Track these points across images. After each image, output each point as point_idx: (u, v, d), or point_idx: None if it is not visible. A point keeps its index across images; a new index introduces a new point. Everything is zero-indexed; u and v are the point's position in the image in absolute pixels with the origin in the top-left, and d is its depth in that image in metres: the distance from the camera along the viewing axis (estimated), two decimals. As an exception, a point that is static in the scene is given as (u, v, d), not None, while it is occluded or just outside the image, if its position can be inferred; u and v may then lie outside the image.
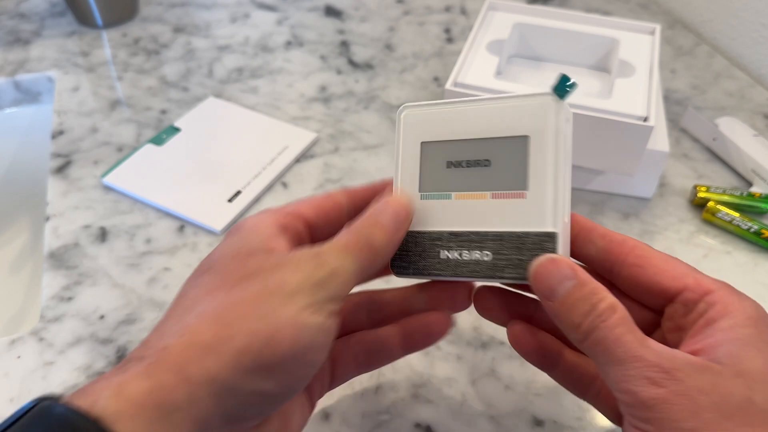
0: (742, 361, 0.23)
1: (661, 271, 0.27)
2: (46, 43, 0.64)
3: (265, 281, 0.24)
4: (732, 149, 0.51)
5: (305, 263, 0.25)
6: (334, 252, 0.25)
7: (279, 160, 0.50)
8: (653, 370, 0.23)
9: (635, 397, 0.23)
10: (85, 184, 0.49)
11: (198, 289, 0.24)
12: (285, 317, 0.23)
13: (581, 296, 0.25)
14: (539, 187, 0.26)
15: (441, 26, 0.69)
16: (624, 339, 0.24)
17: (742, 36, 0.64)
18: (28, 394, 0.35)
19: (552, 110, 0.26)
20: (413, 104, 0.30)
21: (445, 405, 0.35)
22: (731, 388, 0.23)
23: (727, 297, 0.25)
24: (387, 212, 0.27)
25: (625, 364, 0.23)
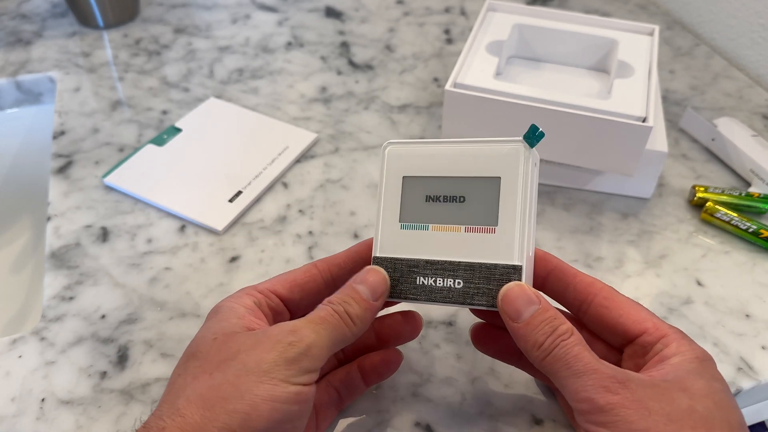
0: (686, 381, 0.27)
1: (625, 314, 0.30)
2: (47, 44, 0.64)
3: (244, 362, 0.26)
4: (730, 149, 0.51)
5: (280, 340, 0.27)
6: (311, 326, 0.28)
7: (279, 160, 0.51)
8: (609, 380, 0.26)
9: (593, 403, 0.26)
10: (87, 184, 0.49)
11: (186, 375, 0.27)
12: (261, 394, 0.25)
13: (544, 319, 0.28)
14: (508, 224, 0.29)
15: (441, 27, 0.69)
16: (582, 355, 0.27)
17: (741, 36, 0.64)
18: (29, 394, 0.35)
19: (522, 155, 0.29)
20: (397, 141, 0.32)
21: (444, 404, 0.35)
22: (677, 398, 0.26)
23: (679, 340, 0.29)
24: (365, 284, 0.30)
25: (583, 376, 0.26)
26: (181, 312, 0.40)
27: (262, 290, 0.31)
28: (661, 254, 0.45)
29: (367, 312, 0.30)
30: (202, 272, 0.42)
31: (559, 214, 0.47)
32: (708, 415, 0.26)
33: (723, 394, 0.27)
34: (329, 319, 0.28)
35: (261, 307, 0.31)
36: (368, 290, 0.30)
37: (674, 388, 0.26)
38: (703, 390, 0.26)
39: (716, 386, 0.27)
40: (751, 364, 0.38)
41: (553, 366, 0.27)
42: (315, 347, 0.27)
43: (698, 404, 0.26)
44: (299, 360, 0.27)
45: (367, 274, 0.31)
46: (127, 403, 0.35)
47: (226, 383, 0.26)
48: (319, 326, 0.28)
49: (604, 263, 0.44)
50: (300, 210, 0.47)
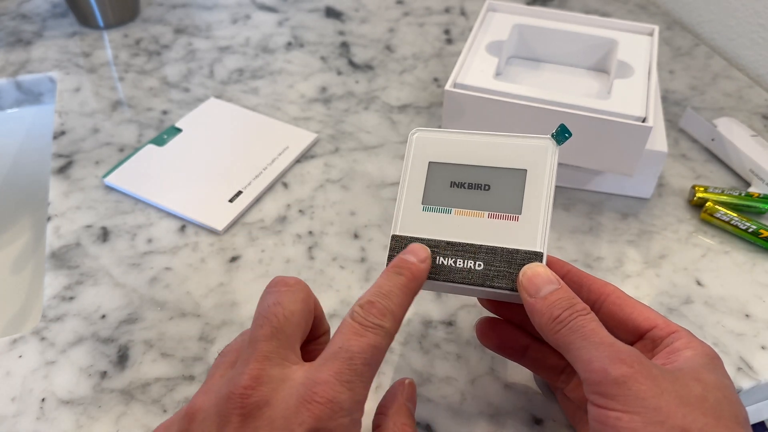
0: (699, 372, 0.27)
1: (636, 312, 0.31)
2: (47, 44, 0.64)
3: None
4: (730, 149, 0.51)
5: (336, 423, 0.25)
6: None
7: (279, 160, 0.51)
8: (626, 353, 0.26)
9: (606, 374, 0.25)
10: (87, 184, 0.49)
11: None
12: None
13: (562, 296, 0.28)
14: (531, 213, 0.31)
15: (441, 27, 0.69)
16: (600, 330, 0.27)
17: (741, 37, 0.64)
18: (29, 394, 0.35)
19: (550, 152, 0.32)
20: (425, 128, 0.34)
21: (444, 404, 0.35)
22: (690, 385, 0.26)
23: (689, 337, 0.29)
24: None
25: (599, 347, 0.26)
26: (182, 312, 0.40)
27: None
28: (661, 254, 0.45)
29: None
30: (203, 272, 0.42)
31: (559, 214, 0.47)
32: (718, 406, 0.26)
33: (732, 391, 0.27)
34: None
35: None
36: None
37: (688, 376, 0.26)
38: (715, 383, 0.26)
39: (726, 382, 0.27)
40: (750, 364, 0.38)
41: (568, 337, 0.27)
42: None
43: (710, 394, 0.26)
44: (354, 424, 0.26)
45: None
46: (127, 403, 0.35)
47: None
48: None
49: (603, 263, 0.44)
50: (300, 210, 0.47)
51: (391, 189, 0.49)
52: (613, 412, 0.25)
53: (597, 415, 0.26)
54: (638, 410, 0.25)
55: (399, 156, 0.52)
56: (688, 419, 0.25)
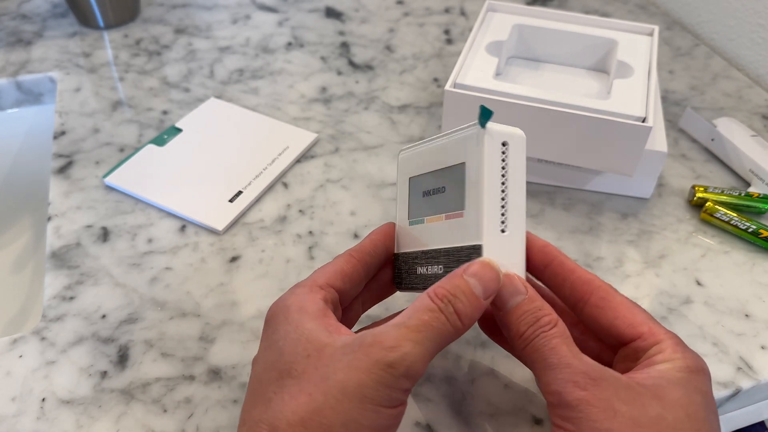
0: (664, 390, 0.26)
1: (620, 316, 0.29)
2: (47, 44, 0.64)
3: (344, 384, 0.25)
4: (730, 149, 0.51)
5: (379, 360, 0.25)
6: (412, 337, 0.26)
7: (280, 160, 0.51)
8: (580, 376, 0.26)
9: (561, 397, 0.25)
10: (87, 184, 0.49)
11: (282, 394, 0.26)
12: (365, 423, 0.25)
13: (528, 309, 0.28)
14: (473, 206, 0.29)
15: (440, 27, 0.69)
16: (559, 348, 0.27)
17: (741, 37, 0.64)
18: (29, 394, 0.35)
19: (476, 138, 0.30)
20: (407, 146, 0.35)
21: (445, 404, 0.35)
22: (648, 405, 0.25)
23: (674, 347, 0.28)
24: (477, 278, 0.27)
25: (556, 369, 0.26)
26: (182, 312, 0.40)
27: (323, 285, 0.30)
28: (661, 254, 0.45)
29: (476, 312, 0.27)
30: (203, 272, 0.42)
31: (559, 214, 0.48)
32: (676, 425, 0.25)
33: (698, 407, 0.26)
34: (434, 324, 0.26)
35: (328, 305, 0.29)
36: (480, 287, 0.27)
37: (649, 394, 0.26)
38: (679, 400, 0.26)
39: (695, 398, 0.26)
40: (750, 364, 0.38)
41: (531, 356, 0.27)
42: (417, 363, 0.25)
43: (669, 414, 0.25)
44: (401, 382, 0.25)
45: (480, 266, 0.27)
46: (127, 403, 0.35)
47: (327, 408, 0.25)
48: (422, 335, 0.25)
49: (603, 263, 0.44)
50: (300, 210, 0.47)
51: (391, 189, 0.49)
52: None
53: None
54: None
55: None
56: None
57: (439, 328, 0.26)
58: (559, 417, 0.26)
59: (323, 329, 0.27)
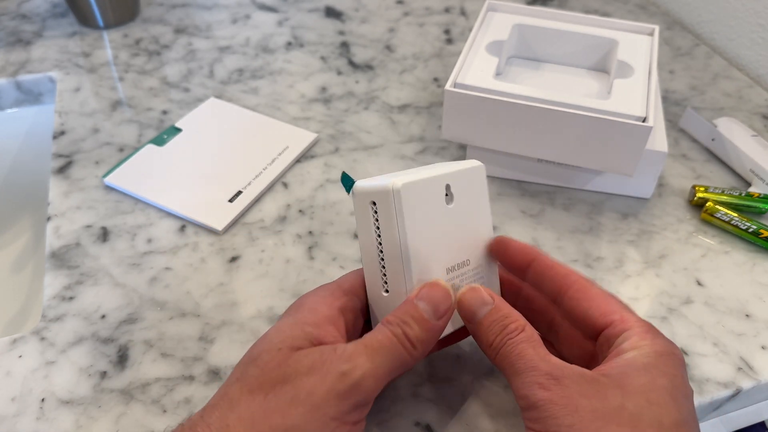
0: (627, 377, 0.26)
1: (594, 306, 0.30)
2: (47, 44, 0.64)
3: (297, 389, 0.26)
4: (730, 149, 0.51)
5: (333, 370, 0.26)
6: (367, 352, 0.27)
7: (279, 160, 0.51)
8: (544, 377, 0.26)
9: (527, 400, 0.26)
10: (87, 184, 0.49)
11: (242, 383, 0.27)
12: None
13: (495, 318, 0.29)
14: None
15: (441, 27, 0.69)
16: (525, 353, 0.27)
17: (741, 37, 0.64)
18: (29, 394, 0.35)
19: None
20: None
21: (445, 404, 0.35)
22: (609, 396, 0.26)
23: (642, 334, 0.28)
24: (426, 300, 0.28)
25: (522, 373, 0.27)
26: (182, 312, 0.40)
27: (347, 290, 0.30)
28: (661, 254, 0.45)
29: (429, 334, 0.28)
30: (203, 272, 0.42)
31: (559, 214, 0.47)
32: (637, 413, 0.25)
33: (663, 392, 0.26)
34: (387, 344, 0.27)
35: (344, 314, 0.30)
36: (430, 308, 0.28)
37: (611, 384, 0.26)
38: (640, 387, 0.26)
39: (659, 383, 0.26)
40: (750, 364, 0.38)
41: (501, 364, 0.28)
42: (369, 378, 0.26)
43: (630, 402, 0.25)
44: (351, 394, 0.26)
45: (429, 288, 0.29)
46: (127, 403, 0.35)
47: (277, 411, 0.25)
48: (376, 353, 0.27)
49: (604, 263, 0.44)
50: (300, 210, 0.47)
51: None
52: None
53: None
54: (556, 430, 0.25)
55: (399, 156, 0.52)
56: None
57: (392, 349, 0.27)
58: (528, 419, 0.27)
59: (314, 336, 0.28)
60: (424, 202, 0.30)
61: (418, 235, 0.29)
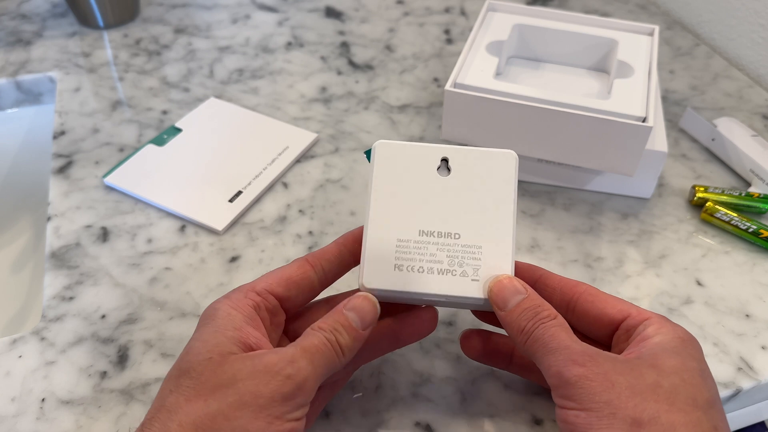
0: (658, 358, 0.27)
1: (609, 305, 0.31)
2: (47, 44, 0.64)
3: (240, 393, 0.26)
4: (730, 149, 0.51)
5: (278, 372, 0.26)
6: (307, 357, 0.28)
7: (279, 160, 0.51)
8: (578, 355, 0.27)
9: (561, 377, 0.27)
10: (87, 184, 0.49)
11: (178, 394, 0.27)
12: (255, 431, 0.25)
13: (528, 306, 0.29)
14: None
15: (441, 27, 0.69)
16: (558, 335, 0.28)
17: (741, 36, 0.64)
18: (29, 394, 0.35)
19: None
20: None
21: (445, 404, 0.35)
22: (645, 373, 0.26)
23: (662, 322, 0.29)
24: (355, 312, 0.30)
25: (556, 352, 0.28)
26: (182, 312, 0.40)
27: (260, 291, 0.31)
28: (661, 254, 0.45)
29: (356, 342, 0.29)
30: (202, 272, 0.42)
31: (559, 214, 0.47)
32: (673, 390, 0.26)
33: (695, 373, 0.27)
34: (323, 349, 0.28)
35: (260, 312, 0.30)
36: (358, 319, 0.30)
37: (644, 364, 0.27)
38: (673, 367, 0.27)
39: (690, 365, 0.27)
40: (751, 364, 0.38)
41: (532, 347, 0.29)
42: (311, 380, 0.27)
43: (665, 380, 0.26)
44: (294, 395, 0.26)
45: (357, 300, 0.30)
46: (127, 403, 0.35)
47: (220, 415, 0.25)
48: (315, 356, 0.28)
49: (604, 263, 0.44)
50: (300, 210, 0.47)
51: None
52: (572, 411, 0.26)
53: (560, 415, 0.27)
54: (591, 406, 0.26)
55: (399, 156, 0.52)
56: (639, 408, 0.25)
57: (326, 354, 0.28)
58: (561, 397, 0.27)
59: (238, 340, 0.28)
60: (406, 166, 0.32)
61: (387, 188, 0.32)
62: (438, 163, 0.32)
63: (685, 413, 0.25)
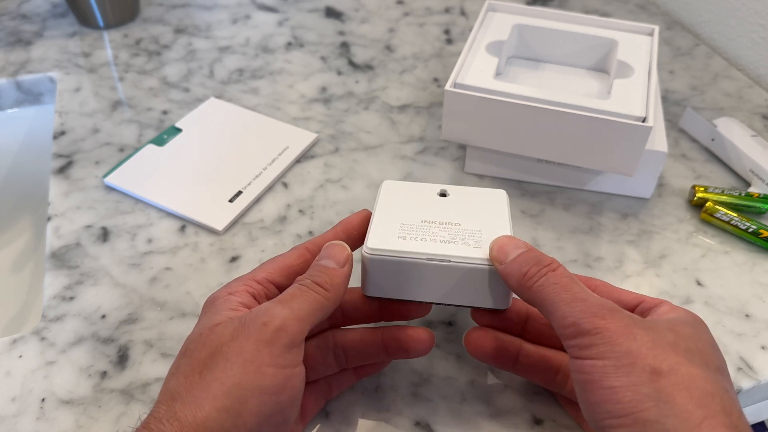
0: (676, 326, 0.28)
1: (624, 293, 0.32)
2: (47, 44, 0.64)
3: (226, 355, 0.27)
4: (730, 149, 0.51)
5: (253, 322, 0.27)
6: (280, 304, 0.28)
7: (279, 160, 0.51)
8: (597, 308, 0.27)
9: (579, 327, 0.27)
10: (87, 184, 0.49)
11: (178, 375, 0.27)
12: (248, 387, 0.26)
13: (530, 256, 0.30)
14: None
15: (441, 27, 0.69)
16: (571, 286, 0.28)
17: (741, 37, 0.64)
18: (29, 394, 0.35)
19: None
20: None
21: (444, 404, 0.35)
22: (664, 333, 0.27)
23: (674, 306, 0.30)
24: (328, 258, 0.31)
25: (571, 303, 0.27)
26: (182, 312, 0.40)
27: (260, 280, 0.31)
28: (661, 254, 0.45)
29: (336, 278, 0.30)
30: (203, 272, 0.42)
31: (559, 214, 0.47)
32: (690, 351, 0.26)
33: (707, 343, 0.28)
34: (298, 294, 0.29)
35: (258, 299, 0.30)
36: (332, 261, 0.31)
37: (663, 326, 0.27)
38: (689, 334, 0.27)
39: (704, 337, 0.28)
40: (751, 364, 0.38)
41: (539, 294, 0.28)
42: (290, 320, 0.27)
43: (682, 342, 0.27)
44: (277, 338, 0.27)
45: (326, 249, 0.31)
46: (127, 403, 0.35)
47: (214, 381, 0.26)
48: (290, 302, 0.28)
49: (603, 263, 0.44)
50: (300, 210, 0.47)
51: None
52: (588, 360, 0.26)
53: (574, 365, 0.27)
54: (610, 355, 0.26)
55: (399, 156, 0.52)
56: (659, 359, 0.26)
57: (306, 295, 0.29)
58: (577, 347, 0.27)
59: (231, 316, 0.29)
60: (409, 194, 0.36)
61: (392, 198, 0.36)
62: (437, 192, 0.36)
63: (701, 369, 0.26)
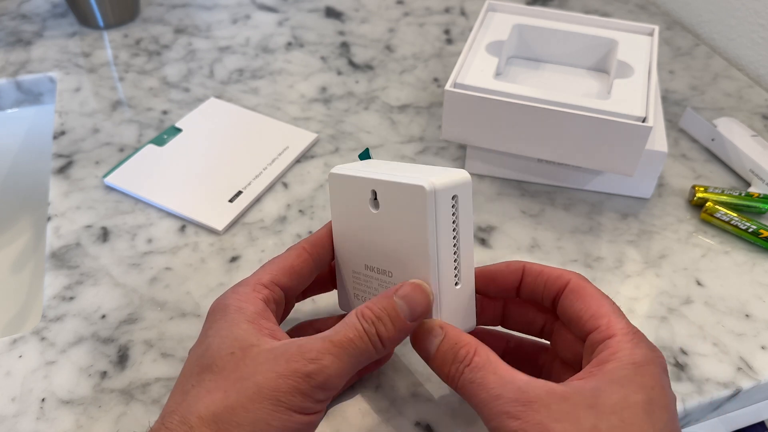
0: (600, 395, 0.25)
1: (585, 308, 0.29)
2: (47, 44, 0.64)
3: (260, 386, 0.26)
4: (730, 149, 0.51)
5: (298, 369, 0.26)
6: (334, 351, 0.26)
7: (279, 160, 0.51)
8: (512, 405, 0.25)
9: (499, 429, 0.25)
10: (87, 184, 0.49)
11: (200, 388, 0.27)
12: (274, 424, 0.25)
13: (447, 348, 0.28)
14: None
15: (441, 27, 0.69)
16: (486, 380, 0.26)
17: (741, 37, 0.64)
18: (29, 394, 0.35)
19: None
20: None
21: (444, 404, 0.35)
22: (582, 417, 0.25)
23: (623, 343, 0.27)
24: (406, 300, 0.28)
25: (488, 404, 0.26)
26: (182, 312, 0.40)
27: (268, 284, 0.30)
28: (661, 254, 0.45)
29: (401, 334, 0.28)
30: (203, 272, 0.42)
31: (559, 214, 0.47)
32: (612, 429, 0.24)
33: (637, 409, 0.25)
34: (357, 343, 0.27)
35: (269, 305, 0.30)
36: (408, 309, 0.28)
37: (583, 404, 0.25)
38: (614, 405, 0.25)
39: (634, 399, 0.25)
40: (750, 364, 0.38)
41: (465, 395, 0.27)
42: (333, 378, 0.26)
43: (603, 423, 0.25)
44: (314, 392, 0.26)
45: (411, 288, 0.28)
46: (127, 403, 0.35)
47: (240, 407, 0.25)
48: (343, 352, 0.26)
49: (603, 263, 0.44)
50: (300, 210, 0.47)
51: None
52: None
53: None
54: None
55: (399, 156, 0.52)
56: None
57: (361, 347, 0.27)
58: None
59: (256, 332, 0.28)
60: (347, 198, 0.32)
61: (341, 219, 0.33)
62: (369, 195, 0.31)
63: None
